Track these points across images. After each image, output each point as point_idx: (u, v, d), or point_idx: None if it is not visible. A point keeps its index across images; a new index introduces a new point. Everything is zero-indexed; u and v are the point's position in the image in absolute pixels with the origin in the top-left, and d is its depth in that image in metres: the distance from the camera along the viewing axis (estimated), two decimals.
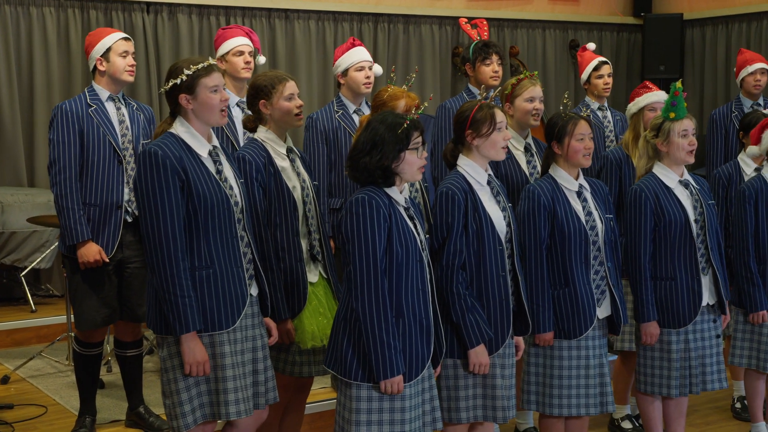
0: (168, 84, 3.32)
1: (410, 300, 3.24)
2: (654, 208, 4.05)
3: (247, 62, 4.76)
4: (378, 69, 4.93)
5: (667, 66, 9.15)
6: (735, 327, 4.61)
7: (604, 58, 5.51)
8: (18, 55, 6.99)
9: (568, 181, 3.86)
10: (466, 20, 5.76)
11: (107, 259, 4.34)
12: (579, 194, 3.87)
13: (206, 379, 3.28)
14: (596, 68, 5.45)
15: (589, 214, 3.85)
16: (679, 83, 4.11)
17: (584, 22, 9.52)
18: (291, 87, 3.73)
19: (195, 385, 3.26)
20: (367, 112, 4.66)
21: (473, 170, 3.62)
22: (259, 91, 3.72)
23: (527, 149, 4.37)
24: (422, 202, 4.04)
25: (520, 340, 3.77)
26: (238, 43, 4.76)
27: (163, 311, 3.21)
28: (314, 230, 3.76)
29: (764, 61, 5.95)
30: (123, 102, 4.46)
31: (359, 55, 4.85)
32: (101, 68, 4.39)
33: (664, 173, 4.10)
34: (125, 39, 4.42)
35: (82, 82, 7.03)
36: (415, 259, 3.26)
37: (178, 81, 3.29)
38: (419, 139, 3.27)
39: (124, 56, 4.38)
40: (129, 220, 4.39)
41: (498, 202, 3.64)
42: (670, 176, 4.10)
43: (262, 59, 4.99)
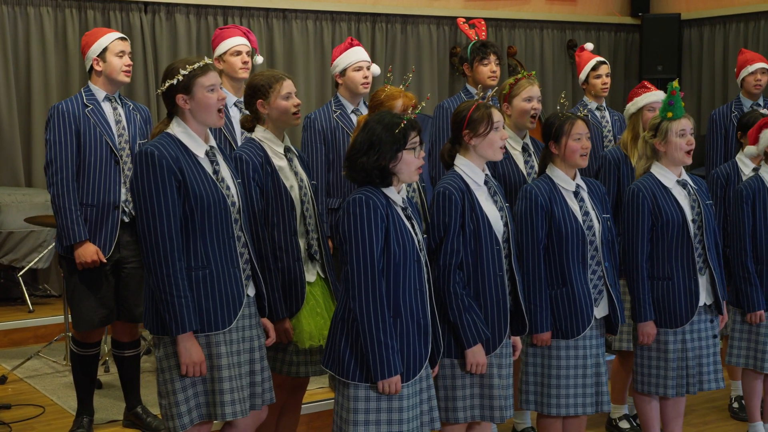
0: (164, 85, 3.31)
1: (408, 300, 3.24)
2: (651, 207, 4.05)
3: (245, 62, 4.76)
4: (376, 69, 4.93)
5: (665, 66, 9.16)
6: (732, 327, 4.61)
7: (602, 58, 5.50)
8: (15, 54, 6.99)
9: (565, 181, 3.86)
10: (463, 20, 5.76)
11: (104, 259, 4.33)
12: (576, 194, 3.87)
13: (202, 380, 3.27)
14: (594, 68, 5.44)
15: (586, 213, 3.85)
16: (676, 83, 4.12)
17: (582, 22, 9.52)
18: (288, 86, 3.72)
19: (191, 385, 3.26)
20: (365, 112, 4.65)
21: (470, 170, 3.62)
22: (256, 91, 3.72)
23: (525, 149, 4.36)
24: (419, 202, 4.03)
25: (518, 340, 3.77)
26: (235, 43, 4.76)
27: (159, 311, 3.21)
28: (312, 230, 3.76)
29: (765, 60, 5.96)
30: (119, 102, 4.45)
31: (357, 55, 4.85)
32: (98, 68, 4.38)
33: (661, 173, 4.10)
34: (122, 39, 4.41)
35: (79, 82, 7.02)
36: (413, 259, 3.26)
37: (175, 81, 3.28)
38: (416, 139, 3.27)
39: (121, 56, 4.38)
40: (126, 220, 4.39)
41: (495, 202, 3.63)
42: (668, 176, 4.10)
43: (259, 59, 4.99)
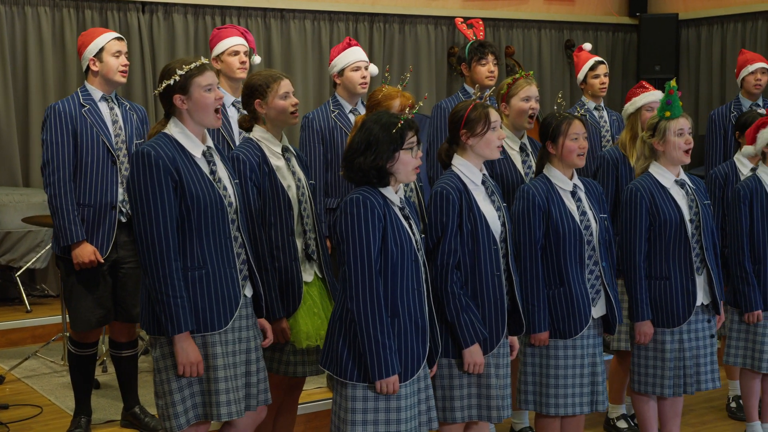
0: (161, 85, 3.31)
1: (405, 300, 3.24)
2: (649, 207, 4.05)
3: (243, 62, 4.75)
4: (374, 69, 4.93)
5: (663, 66, 9.16)
6: (730, 327, 4.61)
7: (600, 58, 5.50)
8: (13, 54, 6.98)
9: (563, 180, 3.86)
10: (461, 20, 5.77)
11: (102, 259, 4.33)
12: (573, 194, 3.87)
13: (199, 380, 3.27)
14: (592, 68, 5.44)
15: (583, 213, 3.85)
16: (674, 82, 4.12)
17: (580, 22, 9.53)
18: (286, 85, 3.72)
19: (188, 385, 3.25)
20: (363, 111, 4.65)
21: (468, 170, 3.62)
22: (254, 91, 3.71)
23: (522, 149, 4.36)
24: (417, 202, 4.03)
25: (515, 339, 3.77)
26: (233, 42, 4.76)
27: (156, 312, 3.20)
28: (310, 229, 3.75)
29: (765, 60, 5.97)
30: (116, 102, 4.45)
31: (355, 55, 4.85)
32: (94, 68, 4.38)
33: (660, 173, 4.10)
34: (118, 39, 4.41)
35: (77, 81, 7.02)
36: (411, 259, 3.26)
37: (172, 82, 3.28)
38: (414, 138, 3.27)
39: (117, 56, 4.37)
40: (123, 220, 4.38)
41: (493, 202, 3.63)
42: (666, 176, 4.10)
43: (257, 59, 4.98)
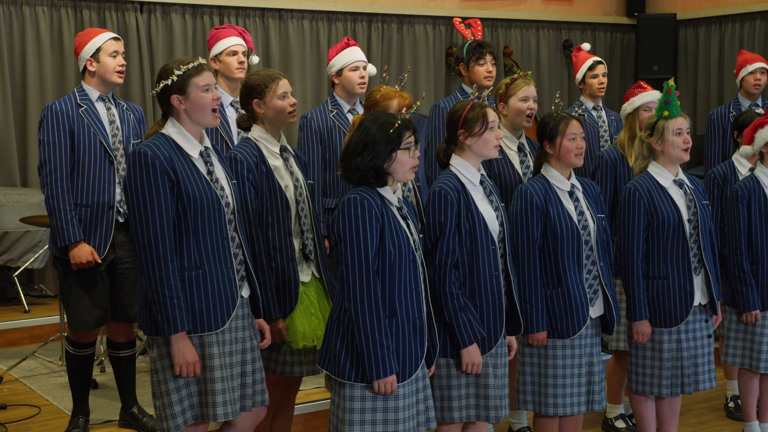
0: (159, 85, 3.31)
1: (404, 300, 3.24)
2: (647, 207, 4.05)
3: (241, 62, 4.75)
4: (372, 69, 4.93)
5: (661, 66, 9.16)
6: (728, 326, 4.61)
7: (598, 58, 5.51)
8: (11, 54, 6.98)
9: (560, 180, 3.86)
10: (460, 20, 5.76)
11: (99, 259, 4.33)
12: (571, 194, 3.87)
13: (196, 380, 3.26)
14: (591, 68, 5.45)
15: (581, 213, 3.85)
16: (672, 81, 4.11)
17: (578, 22, 9.53)
18: (284, 85, 3.72)
19: (185, 386, 3.25)
20: (362, 111, 4.65)
21: (466, 170, 3.62)
22: (252, 90, 3.71)
23: (520, 149, 4.36)
24: (414, 202, 4.03)
25: (513, 339, 3.77)
26: (231, 43, 4.76)
27: (152, 312, 3.20)
28: (307, 229, 3.75)
29: (764, 61, 5.98)
30: (113, 102, 4.44)
31: (354, 55, 4.85)
32: (91, 69, 4.37)
33: (658, 172, 4.10)
34: (115, 39, 4.40)
35: (74, 81, 7.02)
36: (409, 259, 3.26)
37: (169, 82, 3.28)
38: (411, 138, 3.27)
39: (114, 56, 4.37)
40: (121, 220, 4.38)
41: (491, 202, 3.63)
42: (665, 175, 4.10)
43: (255, 59, 4.98)
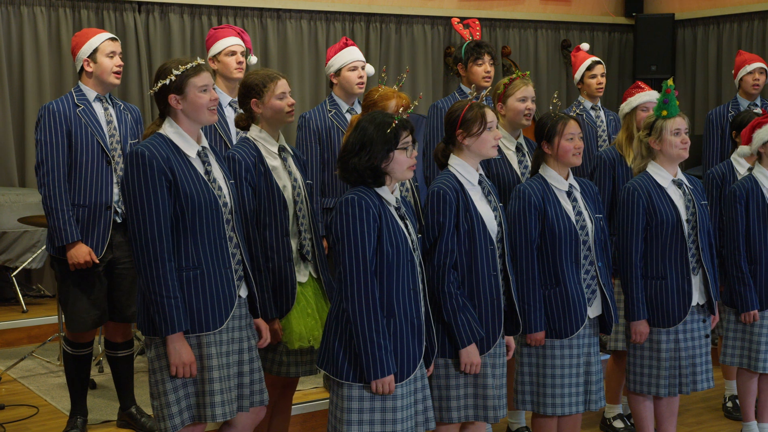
0: (157, 85, 3.30)
1: (402, 300, 3.24)
2: (646, 206, 4.05)
3: (240, 62, 4.75)
4: (370, 69, 4.93)
5: (659, 66, 9.17)
6: (727, 326, 4.61)
7: (597, 58, 5.51)
8: (9, 54, 6.98)
9: (558, 180, 3.86)
10: (458, 20, 5.76)
11: (97, 260, 4.32)
12: (569, 194, 3.87)
13: (193, 381, 3.26)
14: (589, 68, 5.45)
15: (579, 213, 3.85)
16: (671, 81, 4.12)
17: (576, 22, 9.53)
18: (282, 85, 3.72)
19: (183, 386, 3.25)
20: (360, 111, 4.65)
21: (464, 170, 3.62)
22: (250, 90, 3.71)
23: (519, 149, 4.36)
24: (413, 202, 4.03)
25: (511, 339, 3.77)
26: (230, 43, 4.75)
27: (150, 312, 3.20)
28: (305, 230, 3.75)
29: (763, 61, 5.99)
30: (110, 102, 4.44)
31: (352, 55, 4.85)
32: (88, 69, 4.37)
33: (657, 172, 4.10)
34: (112, 39, 4.40)
35: (73, 81, 7.01)
36: (406, 259, 3.26)
37: (167, 81, 3.27)
38: (408, 138, 3.27)
39: (111, 57, 4.37)
40: (118, 220, 4.37)
41: (489, 202, 3.63)
42: (664, 175, 4.10)
43: (253, 59, 4.98)
